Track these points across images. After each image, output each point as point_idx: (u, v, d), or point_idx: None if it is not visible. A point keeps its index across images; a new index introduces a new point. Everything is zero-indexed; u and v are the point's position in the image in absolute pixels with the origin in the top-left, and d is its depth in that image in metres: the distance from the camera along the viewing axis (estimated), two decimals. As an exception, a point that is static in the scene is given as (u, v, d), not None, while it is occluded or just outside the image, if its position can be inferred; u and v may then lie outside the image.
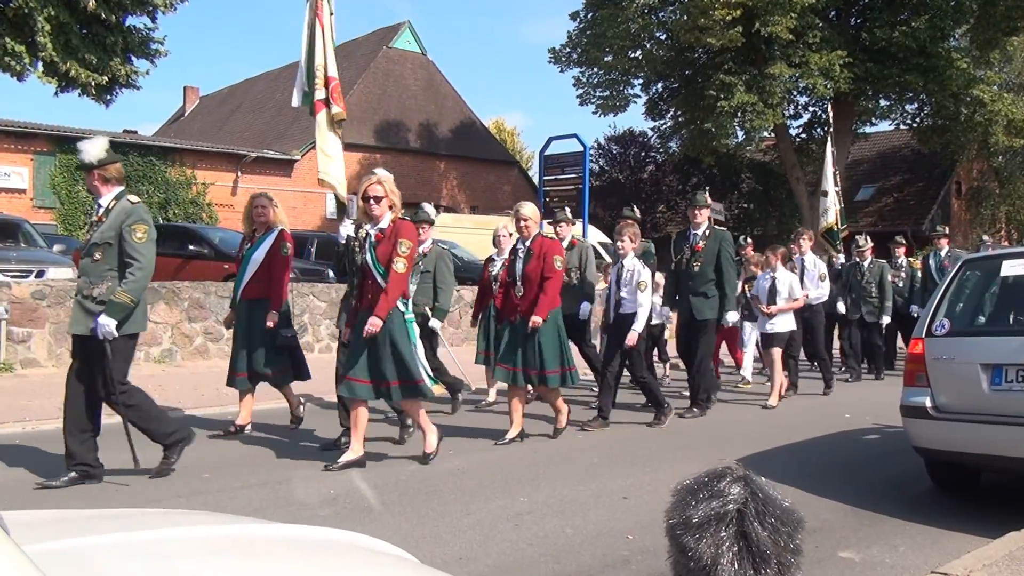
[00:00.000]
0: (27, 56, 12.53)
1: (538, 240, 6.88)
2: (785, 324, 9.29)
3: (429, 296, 7.89)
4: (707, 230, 8.36)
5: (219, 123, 35.91)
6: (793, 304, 9.28)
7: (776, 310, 9.21)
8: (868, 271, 11.68)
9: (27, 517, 1.70)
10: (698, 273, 8.22)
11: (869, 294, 11.61)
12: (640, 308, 7.39)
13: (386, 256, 5.70)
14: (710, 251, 8.23)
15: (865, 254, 11.79)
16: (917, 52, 21.68)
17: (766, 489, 1.26)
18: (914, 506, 5.22)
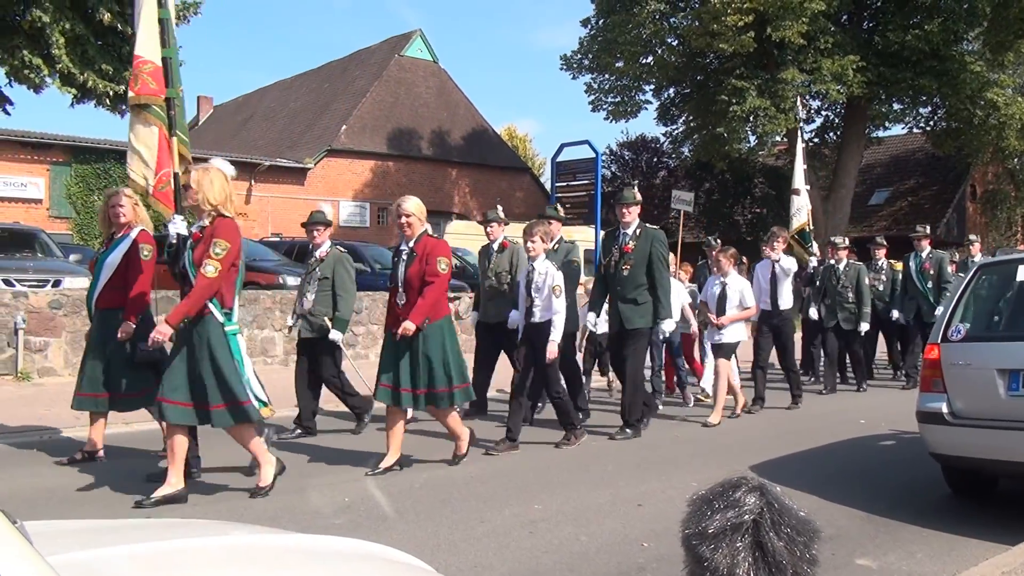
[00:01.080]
0: (44, 68, 12.66)
1: (422, 240, 6.07)
2: (735, 334, 8.49)
3: (329, 305, 7.29)
4: (638, 229, 7.51)
5: (232, 132, 36.13)
6: (744, 313, 8.48)
7: (727, 320, 8.37)
8: (844, 274, 10.81)
9: (48, 527, 1.72)
10: (628, 277, 7.39)
11: (845, 299, 10.76)
12: (556, 316, 6.70)
13: (202, 259, 5.03)
14: (641, 252, 7.39)
15: (841, 255, 10.95)
16: (930, 55, 21.60)
17: (782, 499, 1.26)
18: (931, 513, 5.19)
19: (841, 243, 11.10)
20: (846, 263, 10.88)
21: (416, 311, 5.81)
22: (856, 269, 10.84)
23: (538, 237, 6.81)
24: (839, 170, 25.19)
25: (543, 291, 6.75)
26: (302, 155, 28.49)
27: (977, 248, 12.50)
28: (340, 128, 29.22)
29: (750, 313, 8.61)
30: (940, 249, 13.02)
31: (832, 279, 10.90)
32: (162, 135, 5.97)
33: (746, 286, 8.56)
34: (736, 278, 8.58)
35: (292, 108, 34.34)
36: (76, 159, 23.34)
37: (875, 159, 31.78)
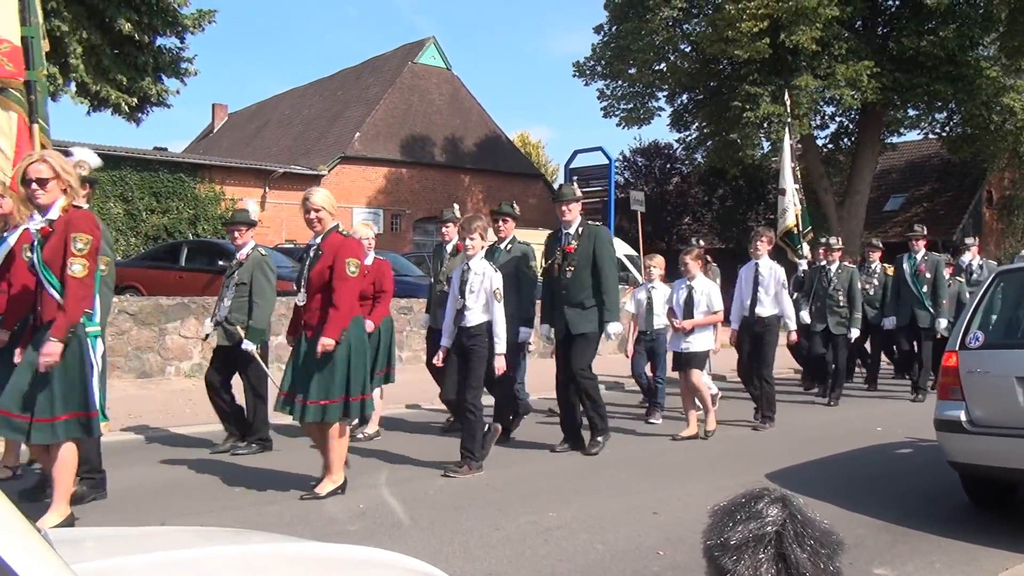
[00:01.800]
0: (60, 77, 12.79)
1: (331, 237, 5.46)
2: (703, 342, 7.88)
3: (246, 312, 6.76)
4: (580, 227, 7.02)
5: (247, 139, 36.33)
6: (711, 318, 7.89)
7: (691, 324, 7.80)
8: (836, 277, 10.24)
9: (70, 534, 1.73)
10: (571, 280, 6.92)
11: (836, 303, 10.18)
12: (497, 324, 6.13)
13: (56, 257, 4.39)
14: (584, 252, 6.91)
15: (833, 257, 10.40)
16: (946, 61, 21.49)
17: (805, 511, 1.25)
18: (950, 522, 5.14)
19: (835, 244, 10.54)
20: (838, 265, 10.35)
21: (331, 324, 5.24)
22: (849, 272, 10.31)
23: (477, 234, 6.25)
24: (854, 176, 25.08)
25: (478, 293, 6.19)
26: (316, 162, 28.60)
27: (975, 251, 12.07)
28: (354, 135, 29.33)
29: (717, 318, 7.98)
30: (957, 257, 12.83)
31: (823, 281, 10.36)
32: (21, 122, 5.46)
33: (713, 289, 7.98)
34: (703, 281, 8.02)
35: (306, 115, 34.50)
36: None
37: (890, 165, 31.62)
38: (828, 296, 10.23)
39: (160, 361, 10.72)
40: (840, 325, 10.18)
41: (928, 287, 10.46)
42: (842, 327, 10.17)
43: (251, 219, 7.01)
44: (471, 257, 6.29)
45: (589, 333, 6.96)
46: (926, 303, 10.43)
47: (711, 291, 7.90)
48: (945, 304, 10.44)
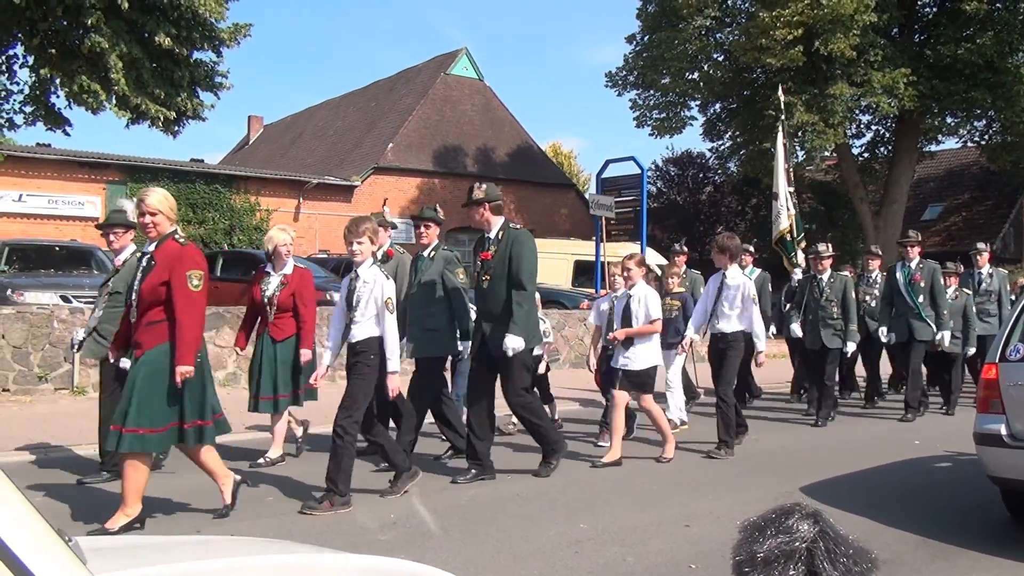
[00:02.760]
0: (102, 92, 13.03)
1: (166, 245, 4.95)
2: (646, 358, 7.07)
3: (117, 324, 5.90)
4: (500, 231, 6.33)
5: (282, 151, 36.74)
6: (648, 327, 7.05)
7: (624, 334, 7.02)
8: (828, 286, 9.52)
9: (101, 543, 1.75)
10: (488, 290, 6.27)
11: (830, 314, 9.44)
12: (387, 338, 5.50)
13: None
14: (501, 259, 6.22)
15: (824, 266, 9.68)
16: (984, 68, 21.17)
17: (837, 527, 1.22)
18: (989, 538, 5.04)
19: (825, 252, 9.76)
20: (830, 274, 9.64)
21: (182, 348, 4.72)
22: (842, 281, 9.59)
23: (365, 237, 5.58)
24: (890, 185, 24.76)
25: (366, 304, 5.53)
26: (349, 173, 28.85)
27: (985, 259, 11.46)
28: (387, 146, 29.55)
29: (654, 329, 7.10)
30: (1000, 267, 12.55)
31: (815, 292, 9.64)
32: None
33: (650, 295, 7.15)
34: (643, 288, 7.17)
35: (340, 127, 34.83)
36: (131, 178, 23.91)
37: (928, 173, 31.18)
38: (821, 308, 9.51)
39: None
40: (835, 338, 9.45)
41: (925, 297, 9.74)
42: (837, 339, 9.44)
43: (128, 220, 6.28)
44: (359, 264, 5.61)
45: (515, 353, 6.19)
46: (923, 314, 9.71)
47: (649, 299, 7.10)
48: (947, 315, 9.87)
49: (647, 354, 7.07)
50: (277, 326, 6.71)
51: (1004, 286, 11.54)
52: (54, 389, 9.87)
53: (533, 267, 6.28)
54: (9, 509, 1.10)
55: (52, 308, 10.31)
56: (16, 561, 1.04)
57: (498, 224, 6.38)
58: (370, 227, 5.64)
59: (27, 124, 15.03)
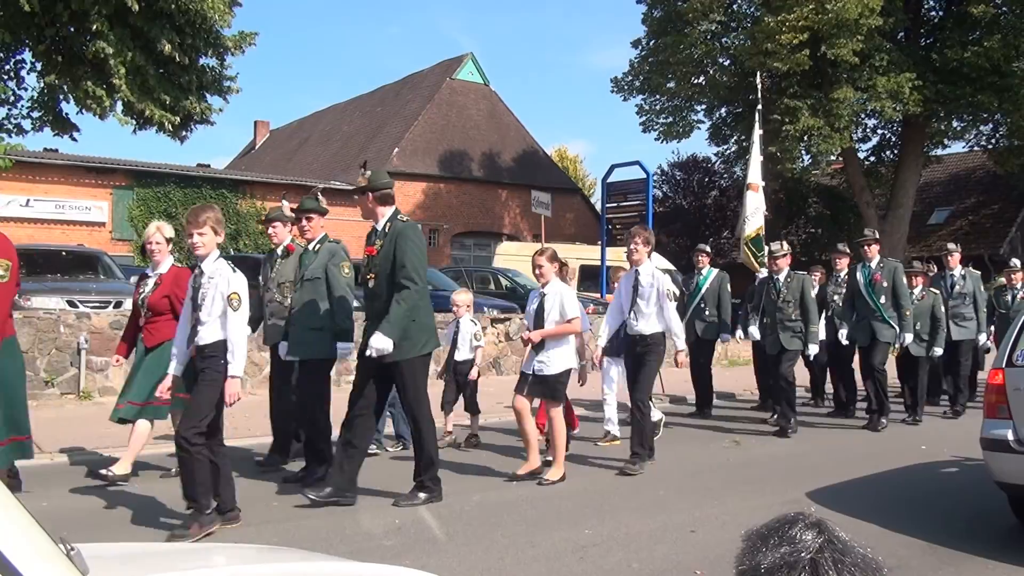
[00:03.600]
0: (106, 98, 13.07)
1: None
2: (561, 361, 6.47)
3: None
4: (387, 224, 5.69)
5: (288, 155, 36.83)
6: (565, 327, 6.47)
7: (539, 335, 6.45)
8: (785, 287, 9.02)
9: (102, 551, 1.75)
10: (374, 289, 5.69)
11: (788, 316, 8.92)
12: (232, 336, 4.92)
13: None
14: (386, 255, 5.61)
15: (780, 265, 9.13)
16: (990, 72, 21.12)
17: (843, 536, 1.21)
18: (996, 544, 5.01)
19: (780, 251, 9.22)
20: (787, 273, 9.12)
21: None
22: (800, 280, 9.06)
23: (208, 228, 5.01)
24: (896, 189, 24.71)
25: (211, 303, 4.95)
26: (355, 178, 28.82)
27: (956, 259, 10.97)
28: (393, 151, 29.60)
29: (571, 328, 6.52)
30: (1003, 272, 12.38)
31: (771, 293, 9.13)
32: None
33: (566, 293, 6.58)
34: (557, 286, 6.61)
35: (346, 131, 34.90)
36: (138, 183, 24.01)
37: (934, 177, 31.10)
38: (778, 309, 8.99)
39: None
40: (795, 339, 8.96)
41: (887, 298, 9.30)
42: (797, 341, 8.95)
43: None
44: (202, 258, 5.05)
45: (401, 360, 5.63)
46: (886, 316, 9.29)
47: (564, 297, 6.52)
48: (909, 316, 9.40)
49: (561, 358, 6.48)
50: (150, 331, 6.09)
51: (978, 287, 10.98)
52: (60, 394, 9.88)
53: (419, 262, 5.57)
54: (6, 518, 1.11)
55: (59, 313, 10.33)
56: (13, 571, 1.04)
57: (386, 216, 5.71)
58: (212, 216, 5.05)
59: (35, 129, 15.09)
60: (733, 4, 23.86)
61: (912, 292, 9.96)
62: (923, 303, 10.13)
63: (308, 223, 6.45)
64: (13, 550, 1.05)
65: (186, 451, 4.82)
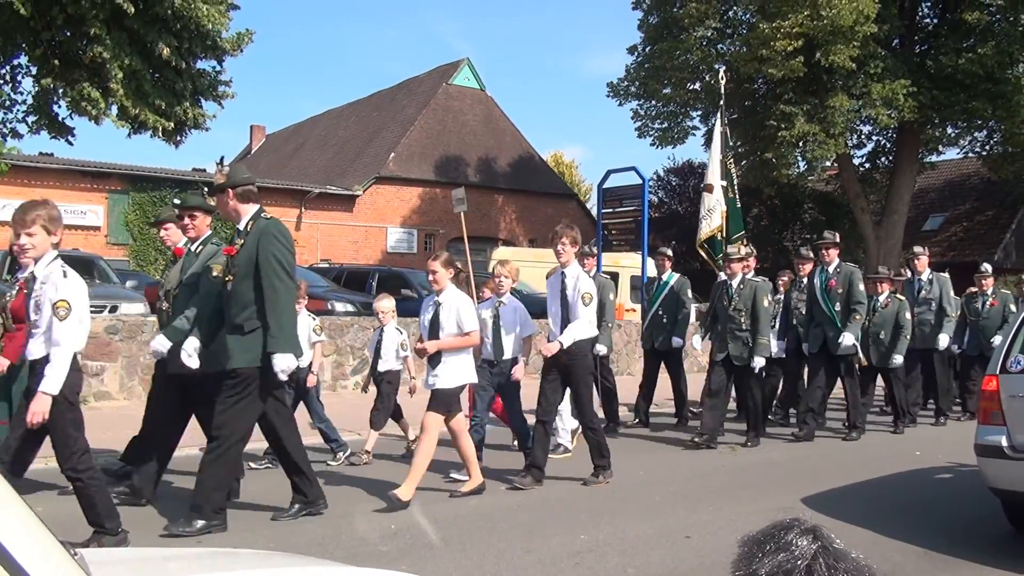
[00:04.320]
0: (102, 102, 13.07)
1: None
2: (454, 374, 5.98)
3: None
4: (250, 223, 5.16)
5: (284, 160, 36.83)
6: (462, 340, 5.99)
7: (435, 346, 5.93)
8: (737, 293, 8.46)
9: (105, 556, 1.75)
10: (231, 293, 5.11)
11: (739, 325, 8.38)
12: (55, 350, 4.31)
13: None
14: (247, 256, 5.05)
15: (734, 270, 8.59)
16: (984, 79, 21.21)
17: (837, 542, 1.23)
18: (991, 550, 5.03)
19: (735, 254, 8.80)
20: (740, 279, 8.55)
21: None
22: (752, 287, 8.49)
23: (38, 227, 4.40)
24: (891, 195, 24.78)
25: (42, 312, 4.38)
26: (351, 182, 28.91)
27: (924, 263, 10.54)
28: (389, 156, 29.62)
29: (468, 341, 6.04)
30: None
31: (723, 300, 8.60)
32: None
33: (463, 303, 6.07)
34: (453, 295, 6.09)
35: (342, 136, 34.91)
36: (134, 187, 23.98)
37: (929, 184, 31.21)
38: (729, 317, 8.45)
39: (197, 379, 10.85)
40: (741, 355, 8.40)
41: (842, 304, 8.84)
42: (743, 357, 8.40)
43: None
44: (34, 261, 4.47)
45: (244, 371, 4.98)
46: (838, 323, 8.83)
47: (461, 307, 6.04)
48: (859, 320, 8.88)
49: (456, 372, 6.01)
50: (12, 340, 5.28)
51: (947, 292, 10.45)
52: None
53: (285, 264, 5.02)
54: (17, 522, 1.12)
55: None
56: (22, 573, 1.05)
57: (248, 214, 5.20)
58: (43, 214, 4.43)
59: (31, 133, 15.08)
60: (729, 11, 23.93)
61: (877, 299, 9.75)
62: (887, 310, 9.77)
63: (191, 221, 5.74)
64: (25, 554, 1.06)
65: (79, 480, 4.51)
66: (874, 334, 9.74)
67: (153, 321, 10.85)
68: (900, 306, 9.77)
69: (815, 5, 19.37)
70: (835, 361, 9.03)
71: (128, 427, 6.68)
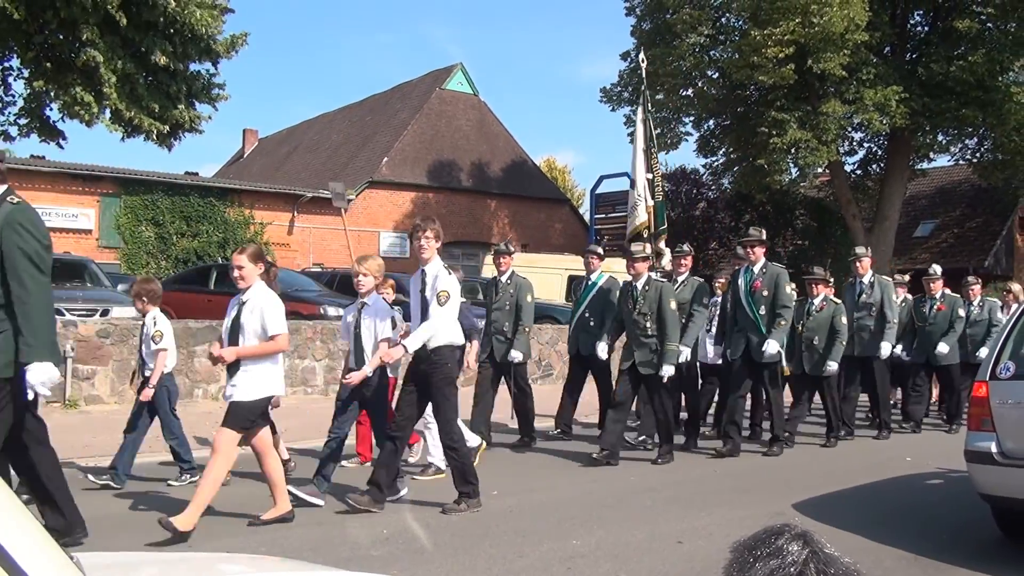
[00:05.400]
0: (95, 105, 13.06)
1: None
2: (255, 386, 5.28)
3: None
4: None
5: (277, 164, 36.77)
6: (267, 346, 5.29)
7: (234, 354, 5.27)
8: (642, 296, 7.75)
9: (99, 559, 1.75)
10: None
11: (644, 331, 7.69)
12: None
13: None
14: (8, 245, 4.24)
15: (639, 270, 7.82)
16: (975, 86, 21.35)
17: (827, 547, 1.24)
18: (980, 556, 5.05)
19: (640, 252, 8.00)
20: (646, 280, 7.80)
21: None
22: (658, 289, 7.72)
23: None
24: (883, 202, 24.90)
25: None
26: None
27: (866, 265, 9.71)
28: (381, 160, 29.61)
29: (272, 347, 5.31)
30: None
31: (628, 303, 7.89)
32: None
33: (269, 304, 5.33)
34: (260, 293, 5.38)
35: (335, 140, 34.89)
36: (125, 191, 23.91)
37: (919, 190, 31.35)
38: (633, 322, 7.77)
39: (188, 384, 10.83)
40: (649, 362, 7.68)
41: (767, 308, 8.16)
42: (650, 366, 7.67)
43: None
44: None
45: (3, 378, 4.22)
46: (762, 328, 8.14)
47: (266, 307, 5.31)
48: (784, 325, 8.18)
49: (257, 382, 5.28)
50: None
51: (888, 296, 9.62)
52: (46, 402, 9.82)
53: (34, 257, 4.24)
54: (16, 525, 1.12)
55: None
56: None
57: None
58: None
59: (22, 136, 15.06)
60: (721, 17, 24.04)
61: (812, 302, 9.15)
62: (822, 314, 9.09)
63: None
64: (25, 555, 1.07)
65: None
66: (807, 340, 9.09)
67: (145, 325, 10.83)
68: (835, 310, 9.12)
69: (806, 13, 19.47)
70: (758, 369, 8.30)
71: (118, 431, 6.66)
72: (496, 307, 8.51)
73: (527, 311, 8.46)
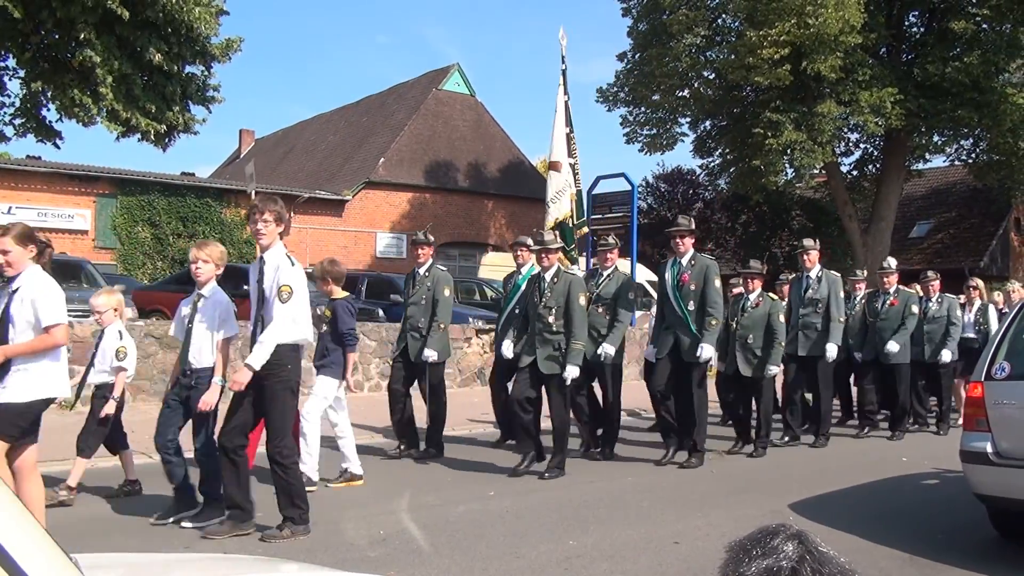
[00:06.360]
0: (92, 106, 13.06)
1: None
2: (28, 386, 4.57)
3: None
4: None
5: (273, 165, 36.74)
6: (39, 341, 4.56)
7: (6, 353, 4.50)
8: (550, 289, 7.09)
9: (96, 560, 1.76)
10: None
11: (549, 327, 7.03)
12: None
13: None
14: None
15: (550, 262, 7.17)
16: (971, 87, 21.40)
17: (822, 547, 1.25)
18: (976, 556, 5.07)
19: (552, 242, 7.30)
20: (554, 272, 7.12)
21: None
22: (567, 282, 7.04)
23: None
24: (878, 203, 24.96)
25: None
26: (340, 187, 28.88)
27: (814, 259, 9.12)
28: (378, 161, 29.60)
29: (46, 342, 4.56)
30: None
31: (534, 296, 7.21)
32: None
33: (43, 292, 4.59)
34: (32, 279, 4.64)
35: (331, 141, 34.88)
36: (122, 191, 23.89)
37: (915, 191, 31.42)
38: (538, 316, 7.08)
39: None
40: (551, 360, 6.98)
41: (695, 303, 7.48)
42: (553, 364, 6.97)
43: None
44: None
45: None
46: (693, 328, 7.44)
47: (39, 296, 4.56)
48: (716, 325, 7.44)
49: (30, 382, 4.55)
50: None
51: (836, 293, 9.02)
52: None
53: None
54: (16, 525, 1.12)
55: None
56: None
57: None
58: None
59: (18, 136, 15.04)
60: (717, 19, 24.07)
61: (747, 298, 8.59)
62: (757, 311, 8.47)
63: None
64: (24, 556, 1.07)
65: None
66: (742, 339, 8.46)
67: (142, 325, 10.81)
68: (772, 307, 8.49)
69: (802, 14, 19.50)
70: (686, 368, 7.53)
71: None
72: (412, 301, 7.77)
73: (443, 306, 7.71)
